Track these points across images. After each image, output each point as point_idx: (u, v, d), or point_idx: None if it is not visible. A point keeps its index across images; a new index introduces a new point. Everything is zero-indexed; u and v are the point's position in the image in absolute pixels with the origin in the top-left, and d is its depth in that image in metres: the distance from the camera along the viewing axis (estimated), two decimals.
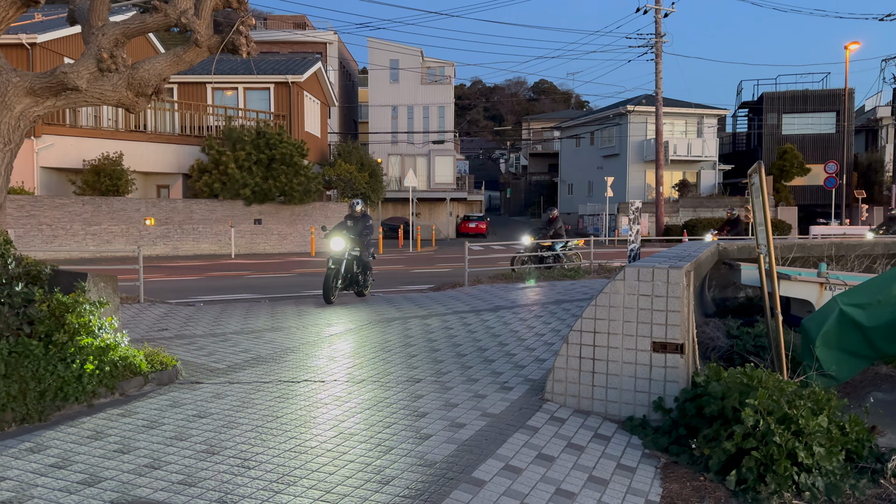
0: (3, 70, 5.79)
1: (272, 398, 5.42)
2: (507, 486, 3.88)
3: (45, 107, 6.00)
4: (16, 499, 3.48)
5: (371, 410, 5.12)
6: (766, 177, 5.76)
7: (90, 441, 4.38)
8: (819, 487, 4.07)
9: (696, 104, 41.97)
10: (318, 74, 32.31)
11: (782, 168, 38.51)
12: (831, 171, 33.22)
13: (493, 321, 9.21)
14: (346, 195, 29.71)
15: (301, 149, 25.33)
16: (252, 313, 9.93)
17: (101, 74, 6.02)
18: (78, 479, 3.74)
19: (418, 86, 42.98)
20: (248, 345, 7.56)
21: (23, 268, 5.65)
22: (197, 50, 6.35)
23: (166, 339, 7.70)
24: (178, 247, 24.11)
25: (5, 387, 4.68)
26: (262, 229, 25.68)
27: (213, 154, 24.44)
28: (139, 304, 10.58)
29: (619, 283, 5.32)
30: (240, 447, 4.29)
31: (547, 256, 16.06)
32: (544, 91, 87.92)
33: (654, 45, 30.95)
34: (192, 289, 13.83)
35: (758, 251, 6.04)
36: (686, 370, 5.14)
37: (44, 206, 21.73)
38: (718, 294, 9.93)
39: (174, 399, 5.38)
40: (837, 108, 40.47)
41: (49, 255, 18.93)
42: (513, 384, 5.98)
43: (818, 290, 7.43)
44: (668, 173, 39.11)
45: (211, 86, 28.36)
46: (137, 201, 23.59)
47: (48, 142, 22.31)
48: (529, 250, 16.06)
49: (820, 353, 5.68)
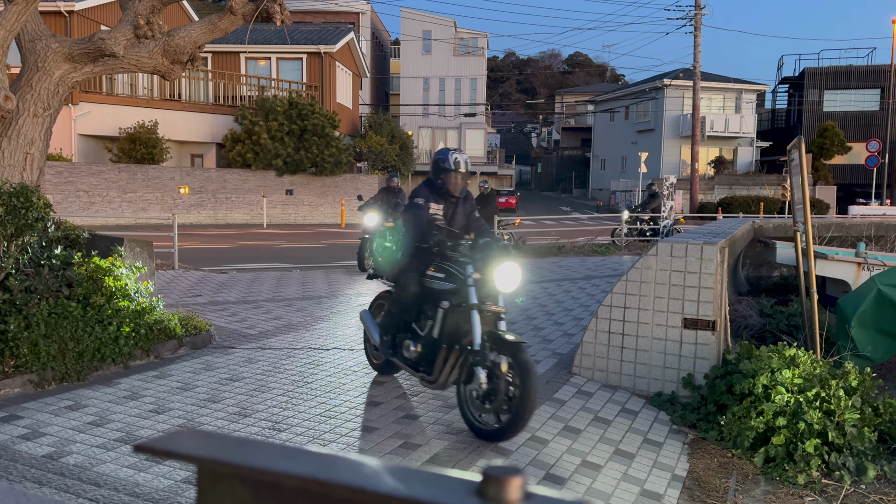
0: (42, 36, 5.86)
1: (302, 364, 5.50)
2: (532, 456, 3.90)
3: (83, 73, 6.07)
4: (56, 453, 3.60)
5: (398, 379, 5.17)
6: (806, 154, 5.62)
7: (126, 401, 4.50)
8: (849, 467, 4.02)
9: (734, 79, 40.97)
10: (351, 45, 32.19)
11: (822, 146, 37.52)
12: (873, 149, 32.29)
13: (522, 295, 9.20)
14: (377, 167, 29.75)
15: (333, 120, 25.36)
16: (283, 282, 10.06)
17: (138, 41, 6.06)
18: (115, 437, 3.85)
19: (450, 57, 42.60)
20: (280, 312, 7.66)
21: (62, 232, 5.78)
22: (231, 17, 6.35)
23: (200, 305, 7.84)
24: (212, 215, 24.42)
25: (46, 346, 4.82)
26: (294, 200, 25.87)
27: (245, 124, 24.60)
28: (174, 270, 10.77)
29: (652, 259, 5.26)
30: (271, 410, 4.37)
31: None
32: (579, 64, 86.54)
33: (693, 17, 30.22)
34: (224, 257, 14.04)
35: (795, 229, 5.92)
36: (717, 347, 5.09)
37: (81, 172, 22.13)
38: (752, 272, 9.78)
39: (207, 363, 5.49)
40: (882, 85, 39.19)
41: (86, 221, 19.33)
42: (540, 357, 5.98)
43: (856, 270, 7.28)
44: (704, 149, 38.38)
45: (244, 55, 28.43)
46: (172, 170, 23.90)
47: (85, 109, 22.64)
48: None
49: (855, 333, 5.58)
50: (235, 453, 0.54)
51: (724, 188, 36.26)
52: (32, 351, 4.79)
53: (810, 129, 39.64)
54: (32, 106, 5.83)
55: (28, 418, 4.10)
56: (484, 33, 43.39)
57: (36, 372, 4.74)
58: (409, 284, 4.42)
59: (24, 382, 4.68)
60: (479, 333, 3.90)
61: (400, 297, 4.52)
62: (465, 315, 4.02)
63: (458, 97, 42.91)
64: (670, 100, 39.47)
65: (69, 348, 4.91)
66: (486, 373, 3.84)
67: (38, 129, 5.90)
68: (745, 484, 4.01)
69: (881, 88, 39.67)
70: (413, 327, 4.52)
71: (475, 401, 3.91)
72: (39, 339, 4.82)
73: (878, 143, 32.73)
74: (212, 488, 0.55)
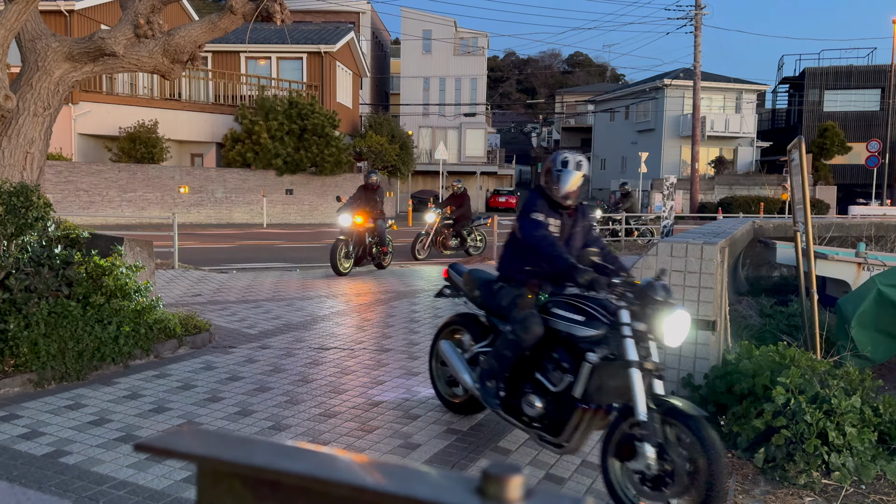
0: (42, 35, 5.87)
1: (302, 364, 5.50)
2: (532, 455, 3.90)
3: (83, 72, 6.07)
4: (55, 453, 3.60)
5: (399, 379, 5.17)
6: (806, 154, 5.64)
7: (126, 400, 4.50)
8: (849, 467, 4.02)
9: (735, 79, 40.98)
10: (351, 45, 32.19)
11: (822, 146, 37.53)
12: (874, 149, 32.28)
13: None
14: (377, 167, 29.75)
15: (333, 120, 25.36)
16: (283, 281, 10.06)
17: (138, 40, 6.06)
18: (114, 437, 3.85)
19: (451, 57, 42.60)
20: (280, 312, 7.66)
21: (62, 231, 5.78)
22: (232, 17, 6.35)
23: (200, 305, 7.84)
24: (211, 215, 24.42)
25: (45, 346, 4.82)
26: (294, 199, 25.87)
27: (245, 123, 24.60)
28: (174, 269, 10.77)
29: (652, 259, 5.27)
30: (271, 410, 4.37)
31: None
32: (579, 64, 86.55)
33: (693, 16, 30.22)
34: (224, 257, 14.04)
35: (795, 229, 5.92)
36: (717, 347, 5.09)
37: (81, 172, 22.13)
38: (752, 273, 9.79)
39: (207, 362, 5.49)
40: (882, 85, 39.20)
41: (86, 221, 19.32)
42: None
43: (856, 271, 7.28)
44: (705, 149, 38.38)
45: (244, 55, 28.43)
46: (172, 169, 23.90)
47: (85, 109, 22.64)
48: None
49: (856, 333, 5.58)
50: (236, 452, 0.54)
51: (725, 188, 36.26)
52: (32, 350, 4.79)
53: (811, 129, 39.65)
54: (32, 105, 5.83)
55: (28, 418, 4.10)
56: (484, 33, 43.40)
57: (36, 371, 4.74)
58: (533, 325, 3.55)
59: (23, 382, 4.68)
60: (642, 399, 3.12)
61: (518, 339, 3.60)
62: (618, 373, 3.24)
63: (459, 97, 42.90)
64: (670, 100, 39.48)
65: (69, 348, 4.91)
66: (657, 451, 3.07)
67: (38, 128, 5.90)
68: (744, 484, 4.02)
69: (881, 88, 39.67)
70: (537, 377, 3.61)
71: (638, 483, 3.14)
72: (39, 338, 4.82)
73: (879, 144, 32.73)
74: (212, 487, 0.55)
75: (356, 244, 10.88)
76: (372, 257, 11.27)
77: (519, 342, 3.60)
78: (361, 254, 11.02)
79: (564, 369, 3.47)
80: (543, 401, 3.52)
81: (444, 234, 13.67)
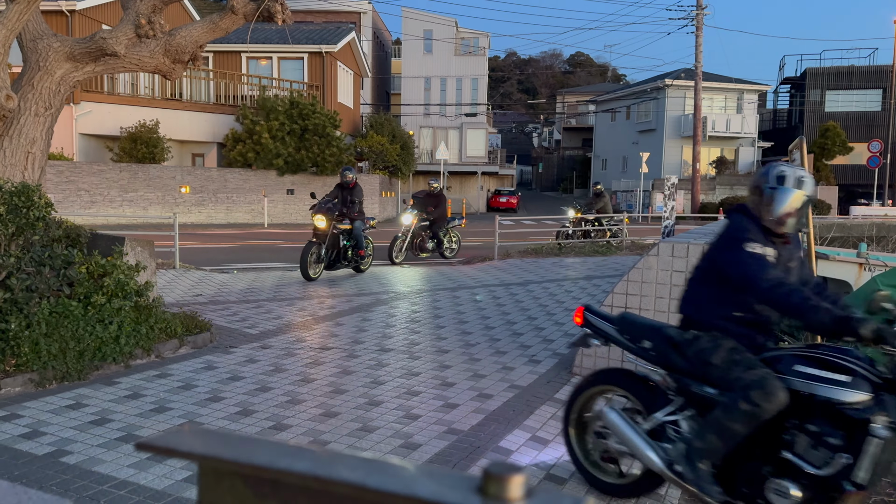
0: (44, 35, 5.87)
1: (303, 364, 5.51)
2: (533, 456, 3.90)
3: (85, 72, 6.08)
4: (57, 452, 3.60)
5: (400, 379, 5.17)
6: (807, 155, 5.64)
7: (127, 400, 4.50)
8: None
9: (736, 79, 40.97)
10: (352, 45, 32.21)
11: (824, 146, 37.52)
12: (875, 150, 32.28)
13: (523, 295, 9.20)
14: (378, 167, 29.76)
15: (334, 120, 25.37)
16: (284, 282, 10.07)
17: (139, 40, 6.07)
18: (116, 436, 3.85)
19: (452, 57, 42.62)
20: (280, 312, 7.67)
21: (63, 231, 5.78)
22: (233, 17, 6.36)
23: (201, 304, 7.84)
24: (213, 215, 24.44)
25: (46, 345, 4.82)
26: (295, 199, 25.88)
27: (247, 124, 24.62)
28: (175, 269, 10.78)
29: (653, 259, 5.27)
30: (272, 410, 4.38)
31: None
32: (580, 64, 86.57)
33: (694, 17, 30.22)
34: (225, 257, 14.05)
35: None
36: None
37: (82, 172, 22.15)
38: None
39: (208, 362, 5.49)
40: (884, 85, 39.19)
41: (87, 220, 19.32)
42: (541, 357, 5.99)
43: (857, 271, 7.27)
44: (706, 150, 38.38)
45: (246, 55, 28.45)
46: (173, 169, 23.91)
47: (86, 108, 22.65)
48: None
49: None
50: (237, 451, 0.54)
51: (726, 188, 36.27)
52: (33, 350, 4.79)
53: (812, 129, 39.65)
54: (34, 105, 5.84)
55: (29, 417, 4.11)
56: (485, 33, 43.41)
57: (37, 371, 4.75)
58: (777, 390, 2.74)
59: (25, 381, 4.68)
60: None
61: (756, 408, 2.75)
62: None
63: (460, 97, 42.91)
64: (672, 100, 39.47)
65: (70, 347, 4.91)
66: None
67: (39, 128, 5.91)
68: None
69: (883, 89, 39.66)
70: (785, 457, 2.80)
71: None
72: (40, 338, 4.83)
73: (880, 144, 32.73)
74: (213, 486, 0.55)
75: (329, 247, 10.26)
76: (347, 261, 10.70)
77: (756, 413, 2.76)
78: (335, 257, 10.45)
79: (834, 447, 2.69)
80: (800, 487, 2.74)
81: (421, 237, 13.46)
